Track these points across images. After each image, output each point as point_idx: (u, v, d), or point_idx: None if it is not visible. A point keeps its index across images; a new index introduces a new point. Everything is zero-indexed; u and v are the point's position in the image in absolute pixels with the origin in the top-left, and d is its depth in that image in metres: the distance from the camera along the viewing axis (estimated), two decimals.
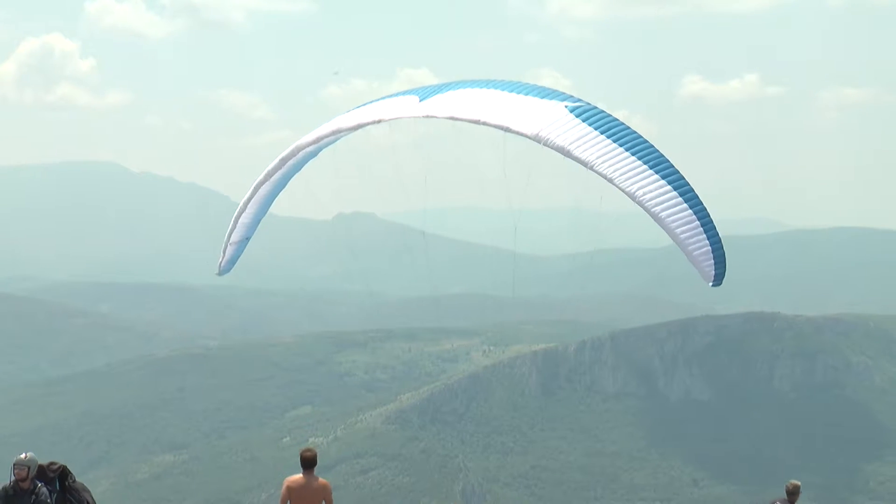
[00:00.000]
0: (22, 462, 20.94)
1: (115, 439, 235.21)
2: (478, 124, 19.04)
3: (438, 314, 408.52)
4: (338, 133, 23.53)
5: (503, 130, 18.68)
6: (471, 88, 19.78)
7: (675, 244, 17.89)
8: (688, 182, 17.86)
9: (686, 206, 17.32)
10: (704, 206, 17.54)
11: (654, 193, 16.57)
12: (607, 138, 16.88)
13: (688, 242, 17.17)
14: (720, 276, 18.05)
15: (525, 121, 17.62)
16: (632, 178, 16.84)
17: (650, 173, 16.78)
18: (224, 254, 25.77)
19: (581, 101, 18.91)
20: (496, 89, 19.49)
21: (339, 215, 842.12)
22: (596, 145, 16.97)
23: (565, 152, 17.29)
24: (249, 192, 25.73)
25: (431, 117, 19.92)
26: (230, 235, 25.62)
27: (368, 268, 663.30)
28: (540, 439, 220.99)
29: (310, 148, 24.84)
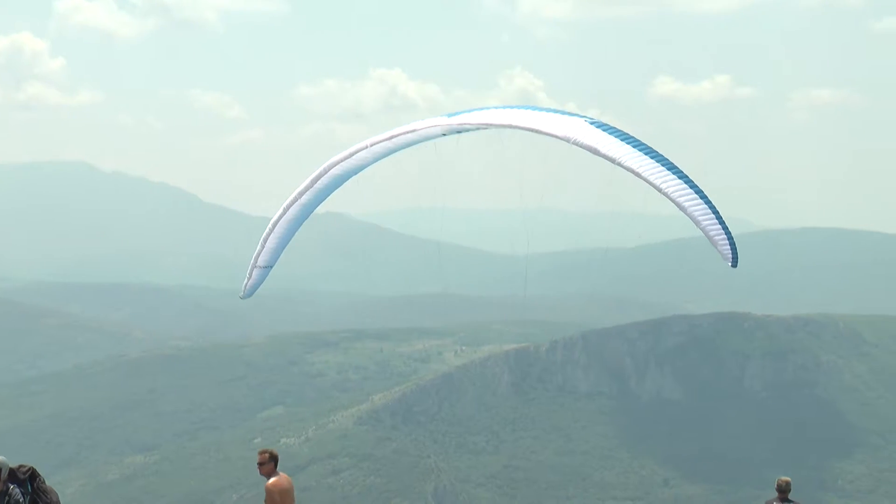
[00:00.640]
0: None
1: (86, 441, 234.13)
2: (511, 128, 20.73)
3: (411, 314, 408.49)
4: (372, 154, 23.59)
5: (534, 132, 20.46)
6: (496, 108, 21.63)
7: (700, 230, 20.46)
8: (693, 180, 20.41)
9: (700, 199, 20.08)
10: (711, 200, 19.79)
11: (676, 186, 19.27)
12: (626, 143, 19.31)
13: (709, 229, 19.62)
14: (736, 257, 20.75)
15: (555, 126, 19.74)
16: (656, 173, 19.54)
17: (667, 171, 19.47)
18: (250, 276, 25.56)
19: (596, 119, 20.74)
20: (520, 108, 21.37)
21: (311, 215, 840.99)
22: (620, 147, 19.47)
23: (594, 150, 19.39)
24: (279, 211, 25.48)
25: (465, 125, 21.56)
26: (257, 258, 25.45)
27: (341, 268, 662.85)
28: (512, 439, 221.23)
29: (342, 170, 24.70)
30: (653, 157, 19.62)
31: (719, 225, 20.34)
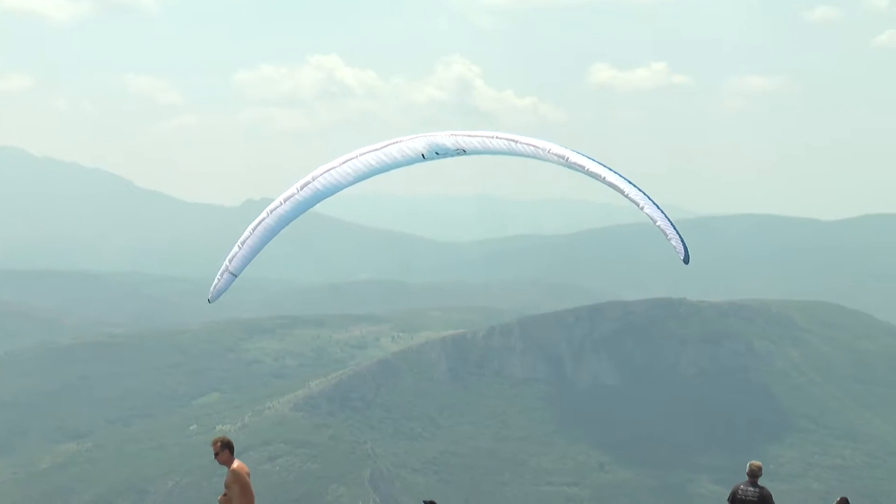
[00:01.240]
0: None
1: (16, 428, 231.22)
2: (511, 153, 23.08)
3: (347, 301, 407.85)
4: (354, 173, 23.79)
5: (531, 155, 22.78)
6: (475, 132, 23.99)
7: (663, 233, 23.26)
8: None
9: (658, 208, 22.95)
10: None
11: (644, 198, 22.37)
12: (598, 163, 22.38)
13: (668, 234, 22.31)
14: (687, 255, 23.10)
15: (548, 147, 22.25)
16: (631, 189, 22.47)
17: (634, 187, 22.43)
18: (220, 279, 24.99)
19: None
20: (491, 132, 23.90)
21: (247, 201, 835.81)
22: (597, 165, 22.31)
23: (583, 169, 22.22)
24: (261, 216, 25.03)
25: (453, 146, 23.42)
26: (230, 261, 24.84)
27: (277, 255, 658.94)
28: (449, 425, 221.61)
29: (322, 185, 24.58)
30: (620, 174, 22.60)
31: (673, 229, 22.81)
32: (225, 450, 20.61)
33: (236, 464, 20.43)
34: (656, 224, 23.08)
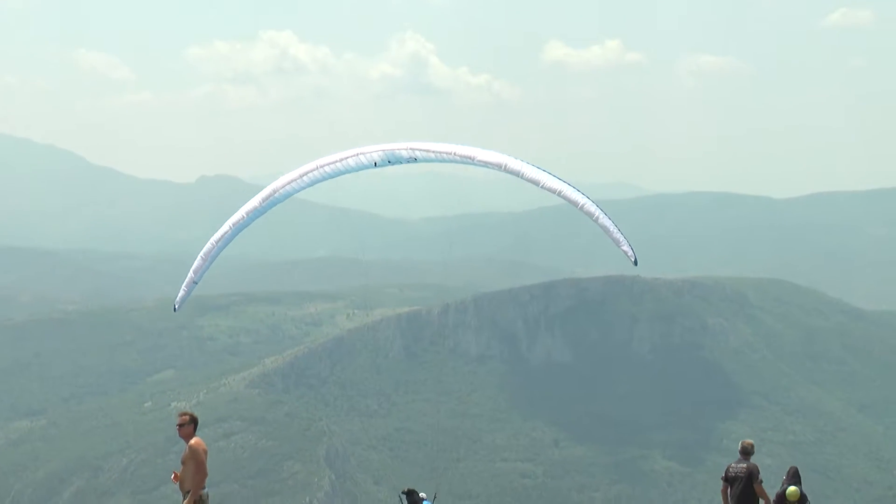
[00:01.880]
0: None
1: None
2: (451, 159, 24.23)
3: (302, 277, 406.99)
4: (310, 179, 24.87)
5: (470, 162, 24.02)
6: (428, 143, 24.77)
7: (609, 237, 24.47)
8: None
9: (602, 212, 24.06)
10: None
11: (588, 203, 23.58)
12: (541, 169, 23.38)
13: (616, 238, 23.49)
14: (636, 258, 24.35)
15: (487, 156, 23.33)
16: (574, 195, 23.71)
17: (578, 192, 23.62)
18: (184, 289, 25.60)
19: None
20: (452, 147, 24.71)
21: (201, 178, 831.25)
22: (538, 170, 23.13)
23: (521, 174, 23.32)
24: (222, 229, 25.72)
25: (416, 150, 24.30)
26: (195, 272, 25.53)
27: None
28: (403, 402, 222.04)
29: (280, 194, 25.66)
30: (563, 181, 23.56)
31: (620, 234, 24.01)
32: (191, 424, 20.79)
33: (195, 440, 20.60)
34: (610, 232, 24.32)
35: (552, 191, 23.61)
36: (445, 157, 24.54)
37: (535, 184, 23.57)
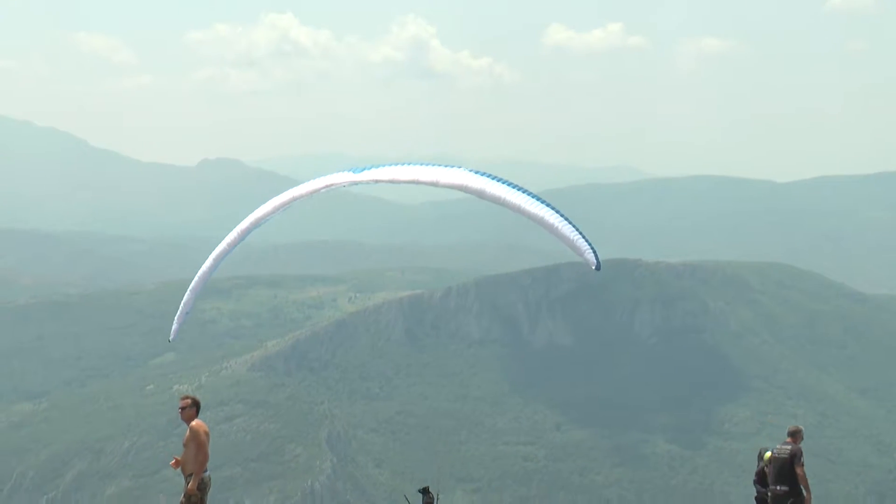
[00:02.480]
0: None
1: None
2: (416, 183, 24.40)
3: (304, 261, 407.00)
4: (282, 206, 25.93)
5: (434, 185, 24.36)
6: (394, 166, 25.46)
7: (568, 246, 24.43)
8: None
9: (565, 219, 24.15)
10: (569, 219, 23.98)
11: (547, 214, 23.72)
12: (502, 183, 23.46)
13: (578, 247, 23.64)
14: (599, 262, 24.33)
15: (449, 178, 23.57)
16: (532, 206, 23.70)
17: (537, 202, 23.80)
18: (177, 322, 26.60)
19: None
20: (413, 165, 25.07)
21: (203, 161, 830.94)
22: (500, 188, 23.39)
23: (481, 194, 23.59)
24: (205, 265, 26.56)
25: (369, 181, 25.01)
26: (186, 305, 26.53)
27: (231, 215, 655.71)
28: (405, 385, 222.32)
29: (250, 225, 26.59)
30: (523, 191, 23.75)
31: (583, 240, 23.98)
32: (193, 407, 20.86)
33: (196, 423, 20.65)
34: (569, 242, 24.35)
35: (512, 207, 23.95)
36: (411, 181, 24.95)
37: (495, 201, 23.80)
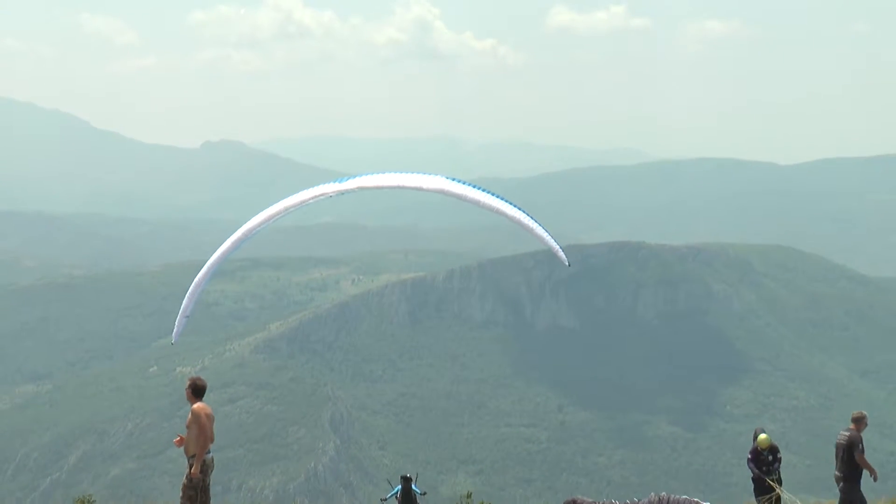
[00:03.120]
0: None
1: None
2: (400, 188, 26.08)
3: (307, 243, 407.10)
4: (283, 212, 26.81)
5: (416, 190, 25.82)
6: (378, 174, 26.96)
7: (545, 245, 25.77)
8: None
9: (536, 223, 25.77)
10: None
11: (522, 216, 25.34)
12: (477, 188, 25.66)
13: (551, 245, 25.38)
14: (569, 262, 26.21)
15: (430, 183, 25.57)
16: (508, 209, 25.23)
17: (510, 205, 25.28)
18: (178, 325, 27.11)
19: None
20: (395, 173, 26.99)
21: (206, 143, 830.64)
22: (477, 193, 25.47)
23: (462, 197, 25.57)
24: (204, 268, 27.24)
25: (352, 189, 26.24)
26: (185, 310, 27.07)
27: (234, 197, 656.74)
28: (408, 367, 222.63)
29: (249, 231, 27.46)
30: (497, 196, 25.47)
31: (553, 241, 25.54)
32: (189, 389, 20.94)
33: (198, 405, 20.71)
34: (543, 241, 25.67)
35: (490, 209, 25.44)
36: (395, 187, 26.55)
37: (475, 204, 25.60)
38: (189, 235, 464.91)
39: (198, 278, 27.82)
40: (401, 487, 28.05)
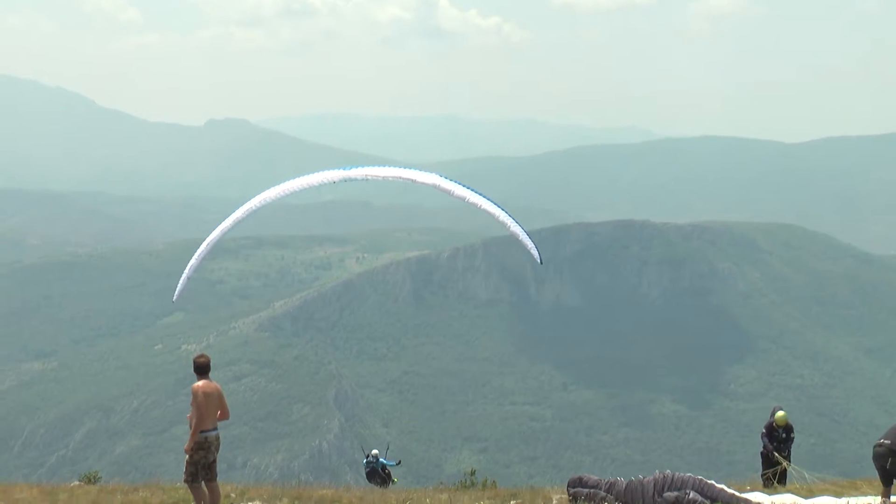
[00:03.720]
0: None
1: None
2: (397, 179, 27.39)
3: (312, 221, 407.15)
4: (288, 191, 28.66)
5: (409, 182, 27.11)
6: (377, 167, 28.22)
7: (520, 241, 26.88)
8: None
9: (514, 220, 26.79)
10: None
11: (502, 214, 26.59)
12: (465, 188, 26.68)
13: (525, 243, 26.53)
14: (541, 259, 27.37)
15: (425, 178, 27.02)
16: (492, 208, 26.48)
17: (497, 206, 26.59)
18: (181, 284, 27.85)
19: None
20: (394, 167, 28.19)
21: (210, 121, 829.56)
22: (465, 190, 26.63)
23: (451, 193, 26.82)
24: (214, 233, 27.83)
25: (367, 177, 27.61)
26: (191, 270, 27.78)
27: (240, 175, 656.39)
28: (412, 345, 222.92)
29: (260, 203, 27.98)
30: (486, 197, 26.72)
31: (529, 239, 26.68)
32: (193, 368, 21.03)
33: (197, 383, 20.82)
34: (518, 238, 26.87)
35: (475, 205, 26.81)
36: (394, 178, 27.76)
37: (462, 200, 26.96)
38: (194, 213, 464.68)
39: (202, 248, 28.38)
40: (367, 462, 29.82)
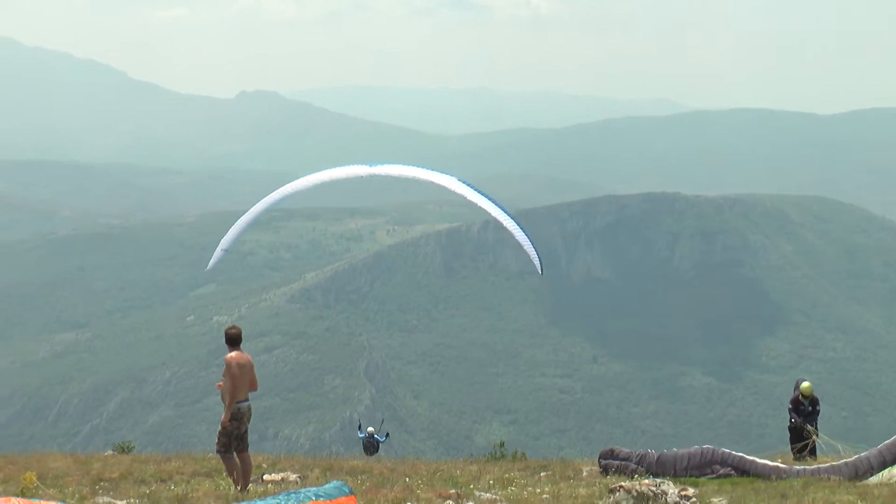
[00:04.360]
0: None
1: (14, 318, 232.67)
2: (417, 180, 29.18)
3: (343, 193, 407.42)
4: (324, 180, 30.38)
5: (427, 182, 28.63)
6: (400, 165, 29.71)
7: (524, 250, 28.02)
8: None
9: (520, 228, 28.11)
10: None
11: (511, 222, 28.04)
12: (480, 193, 28.40)
13: (528, 251, 27.50)
14: (542, 267, 28.56)
15: (442, 179, 28.68)
16: (500, 214, 27.91)
17: (503, 212, 28.01)
18: (215, 256, 28.66)
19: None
20: (415, 166, 29.68)
21: (241, 93, 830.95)
22: (478, 195, 28.37)
23: (463, 197, 28.40)
24: (255, 206, 28.84)
25: (389, 175, 29.12)
26: (226, 242, 28.52)
27: (271, 147, 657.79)
28: (443, 317, 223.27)
29: (296, 189, 29.02)
30: (496, 203, 28.31)
31: (533, 249, 27.76)
32: (227, 340, 21.19)
33: (230, 354, 20.98)
34: (523, 247, 27.98)
35: (486, 210, 28.16)
36: (412, 178, 29.16)
37: (474, 203, 28.56)
38: (226, 185, 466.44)
39: (239, 224, 29.10)
40: (364, 436, 35.45)
